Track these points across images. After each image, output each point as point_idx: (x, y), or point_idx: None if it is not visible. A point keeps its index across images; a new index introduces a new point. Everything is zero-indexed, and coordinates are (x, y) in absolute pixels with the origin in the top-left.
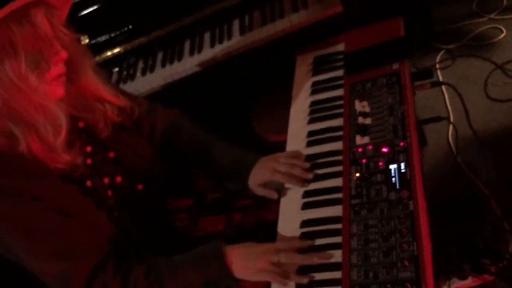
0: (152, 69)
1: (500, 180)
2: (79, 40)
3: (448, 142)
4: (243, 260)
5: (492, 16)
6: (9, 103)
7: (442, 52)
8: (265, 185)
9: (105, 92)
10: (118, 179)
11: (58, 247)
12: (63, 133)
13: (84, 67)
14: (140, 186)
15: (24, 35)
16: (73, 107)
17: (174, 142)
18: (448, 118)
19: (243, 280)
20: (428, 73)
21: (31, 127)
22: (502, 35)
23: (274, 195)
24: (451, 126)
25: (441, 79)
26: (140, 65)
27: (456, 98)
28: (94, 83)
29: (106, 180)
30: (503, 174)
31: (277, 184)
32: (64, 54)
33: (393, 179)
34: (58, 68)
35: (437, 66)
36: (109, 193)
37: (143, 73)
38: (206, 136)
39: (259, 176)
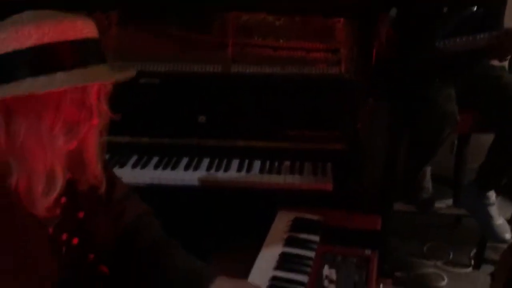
0: (143, 167)
1: None
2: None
3: None
4: None
5: (438, 263)
6: (25, 147)
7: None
8: None
9: (93, 156)
10: (75, 240)
11: (18, 265)
12: (51, 198)
13: (95, 130)
14: (91, 256)
15: (73, 100)
16: (69, 158)
17: (137, 235)
18: None
19: None
20: (391, 271)
21: (28, 173)
22: (443, 283)
23: None
24: None
25: None
26: (134, 159)
27: None
28: (92, 146)
29: (64, 236)
30: None
31: None
32: (96, 122)
33: None
34: (84, 129)
35: (381, 286)
36: (63, 249)
37: (134, 166)
38: (169, 240)
39: None
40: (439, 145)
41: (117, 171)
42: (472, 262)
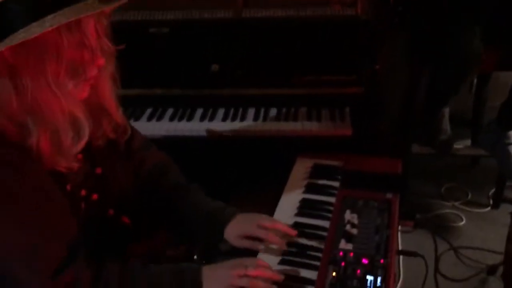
0: (159, 119)
1: None
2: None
3: None
4: (213, 276)
5: (456, 204)
6: (37, 101)
7: None
8: (245, 237)
9: (112, 103)
10: (95, 196)
11: (38, 220)
12: (83, 143)
13: (106, 74)
14: (111, 211)
15: (71, 42)
16: (87, 108)
17: (158, 182)
18: (423, 257)
19: None
20: (412, 214)
21: (49, 128)
22: (462, 223)
23: (259, 246)
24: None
25: (400, 242)
26: (148, 111)
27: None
28: (108, 91)
29: (83, 192)
30: None
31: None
32: (101, 62)
33: None
34: (91, 72)
35: (399, 228)
36: (82, 205)
37: (149, 119)
38: (189, 184)
39: (240, 227)
40: (461, 85)
41: (133, 124)
42: (491, 201)
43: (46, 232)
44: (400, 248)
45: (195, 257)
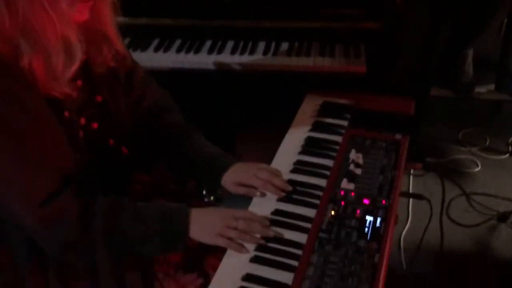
0: (165, 50)
1: None
2: None
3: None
4: (202, 221)
5: (473, 149)
6: (30, 21)
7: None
8: (241, 184)
9: (113, 30)
10: (95, 125)
11: (29, 149)
12: (74, 67)
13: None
14: (111, 141)
15: None
16: (85, 32)
17: (158, 119)
18: (429, 200)
19: None
20: (421, 156)
21: (42, 50)
22: (477, 169)
23: (255, 193)
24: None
25: (411, 186)
26: (155, 42)
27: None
28: (108, 17)
29: (82, 121)
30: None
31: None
32: None
33: (366, 229)
34: None
35: (411, 172)
36: (81, 133)
37: (156, 50)
38: (189, 125)
39: (236, 175)
40: (487, 22)
41: (139, 55)
42: (510, 148)
43: (38, 162)
44: (410, 191)
45: (204, 192)
